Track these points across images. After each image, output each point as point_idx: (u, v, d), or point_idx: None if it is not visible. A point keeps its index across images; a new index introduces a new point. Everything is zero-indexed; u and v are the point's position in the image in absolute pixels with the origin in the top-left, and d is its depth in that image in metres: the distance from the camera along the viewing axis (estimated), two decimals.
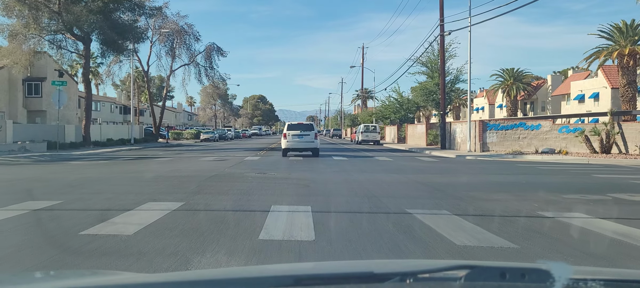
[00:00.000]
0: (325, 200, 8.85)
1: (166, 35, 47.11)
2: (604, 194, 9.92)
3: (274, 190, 10.18)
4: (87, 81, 33.76)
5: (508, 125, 27.35)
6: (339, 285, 1.37)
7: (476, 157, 24.21)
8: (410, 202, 8.76)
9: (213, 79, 51.30)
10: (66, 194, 9.29)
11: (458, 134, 31.37)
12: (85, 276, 2.00)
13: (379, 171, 15.82)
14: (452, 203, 8.50)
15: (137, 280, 1.63)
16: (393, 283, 1.31)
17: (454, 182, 12.63)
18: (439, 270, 1.47)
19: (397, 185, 11.69)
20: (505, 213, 7.63)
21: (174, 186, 10.70)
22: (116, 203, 8.01)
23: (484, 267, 1.49)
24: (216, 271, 2.75)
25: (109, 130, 42.36)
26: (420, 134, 41.69)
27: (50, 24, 31.49)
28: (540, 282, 1.30)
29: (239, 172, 14.54)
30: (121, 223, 6.32)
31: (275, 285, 1.40)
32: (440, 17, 31.21)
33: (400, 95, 48.30)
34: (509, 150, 26.07)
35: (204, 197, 8.96)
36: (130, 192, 9.59)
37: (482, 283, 1.33)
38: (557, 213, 7.58)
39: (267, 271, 1.86)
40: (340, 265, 2.40)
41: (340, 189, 10.62)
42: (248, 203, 8.29)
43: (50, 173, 14.63)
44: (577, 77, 60.19)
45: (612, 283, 1.38)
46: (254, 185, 11.18)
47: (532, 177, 13.95)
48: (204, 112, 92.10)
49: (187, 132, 62.81)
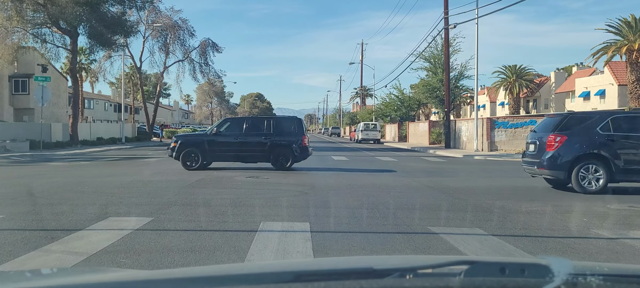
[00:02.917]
0: (326, 214, 7.32)
1: (159, 30, 45.41)
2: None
3: (266, 200, 8.64)
4: (74, 77, 32.10)
5: (518, 122, 25.84)
6: (338, 281, 1.32)
7: (485, 157, 22.70)
8: (431, 215, 7.25)
9: (208, 75, 49.63)
10: (16, 205, 7.74)
11: (463, 132, 29.86)
12: (85, 273, 2.04)
13: (385, 173, 14.30)
14: (482, 218, 6.99)
15: (138, 276, 1.64)
16: (393, 279, 1.31)
17: (472, 187, 11.09)
18: (438, 266, 1.47)
19: (409, 191, 10.17)
20: (554, 231, 6.11)
21: (149, 194, 9.15)
22: (68, 220, 6.46)
23: (484, 263, 1.58)
24: (216, 267, 2.60)
25: (100, 129, 40.73)
26: (422, 132, 40.17)
27: (35, 16, 29.85)
28: (539, 277, 1.26)
29: (228, 175, 13.00)
30: (58, 252, 4.78)
31: (275, 281, 1.39)
32: (445, 9, 29.68)
33: (402, 92, 46.77)
34: (519, 150, 24.53)
35: (179, 209, 7.40)
36: (94, 203, 8.02)
37: (481, 278, 1.33)
38: (617, 231, 6.07)
39: (266, 267, 1.88)
40: (339, 261, 2.34)
41: (344, 198, 9.09)
42: (232, 218, 6.74)
43: (16, 177, 13.07)
44: (582, 73, 58.76)
45: (612, 278, 1.37)
46: (242, 192, 9.64)
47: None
48: (200, 110, 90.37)
49: (181, 131, 61.13)
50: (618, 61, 49.00)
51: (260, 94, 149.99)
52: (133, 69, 47.82)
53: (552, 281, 1.24)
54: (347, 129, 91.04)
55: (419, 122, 45.08)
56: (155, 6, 43.51)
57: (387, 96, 48.49)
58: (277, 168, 14.33)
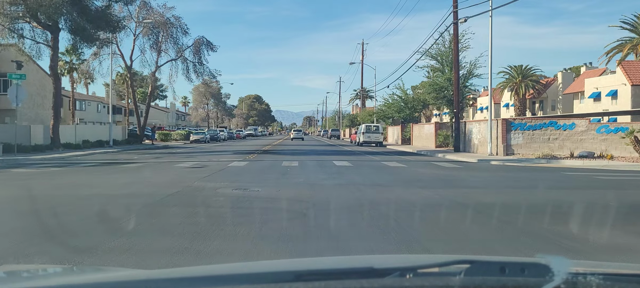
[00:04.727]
0: (335, 249, 5.11)
1: (150, 28, 43.12)
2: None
3: (250, 226, 6.43)
4: (55, 74, 29.80)
5: (536, 124, 23.62)
6: (339, 280, 1.33)
7: (503, 161, 20.50)
8: (475, 250, 5.06)
9: (202, 75, 47.21)
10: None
11: (474, 134, 27.65)
12: (88, 272, 2.06)
13: (398, 184, 12.12)
14: (547, 252, 4.76)
15: (140, 276, 1.63)
16: (393, 279, 1.30)
17: (510, 203, 8.85)
18: (439, 265, 1.45)
19: (434, 209, 7.96)
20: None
21: (98, 217, 6.94)
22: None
23: (484, 262, 1.50)
24: (217, 267, 2.33)
25: (86, 131, 38.46)
26: (427, 135, 37.98)
27: (12, 10, 27.61)
28: (539, 277, 1.26)
29: (211, 186, 10.78)
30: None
31: (275, 280, 1.38)
32: (454, 2, 27.49)
33: (405, 92, 44.58)
34: (539, 154, 22.37)
35: (119, 249, 5.15)
36: (7, 234, 5.80)
37: (482, 278, 1.31)
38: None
39: (267, 267, 1.86)
40: (340, 261, 2.26)
41: (354, 222, 6.89)
42: (194, 264, 4.53)
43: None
44: (591, 74, 56.62)
45: (612, 277, 1.36)
46: (222, 213, 7.44)
47: (607, 194, 10.24)
48: (196, 112, 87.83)
49: (176, 133, 58.64)
50: (632, 61, 46.96)
51: (258, 96, 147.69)
52: (126, 69, 45.44)
53: (552, 280, 1.23)
54: (346, 131, 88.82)
55: (424, 124, 42.86)
56: (146, 2, 41.35)
57: (390, 96, 46.28)
58: None
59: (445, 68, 32.51)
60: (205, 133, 56.12)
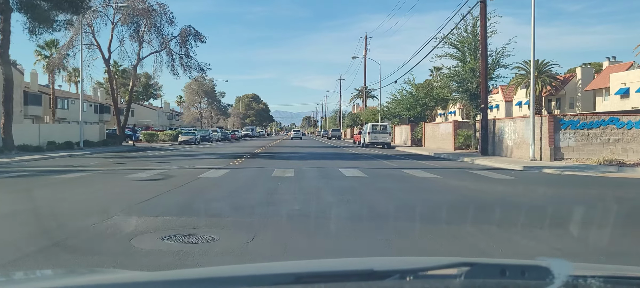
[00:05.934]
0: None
1: (130, 15, 38.35)
2: None
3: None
4: (6, 63, 25.00)
5: (593, 122, 18.90)
6: (339, 282, 1.32)
7: (559, 169, 15.77)
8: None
9: (190, 69, 42.28)
10: None
11: (507, 134, 22.93)
12: (84, 274, 1.94)
13: (443, 208, 7.45)
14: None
15: (139, 278, 1.58)
16: (393, 281, 1.28)
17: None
18: (439, 268, 1.43)
19: None
20: None
21: None
22: None
23: (484, 264, 1.49)
24: (217, 269, 2.33)
25: (54, 131, 33.64)
26: (443, 135, 33.25)
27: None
28: (540, 279, 1.24)
29: (130, 230, 6.07)
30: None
31: (276, 282, 1.36)
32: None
33: (416, 87, 39.85)
34: (598, 159, 17.64)
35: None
36: None
37: (482, 280, 1.29)
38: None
39: (267, 269, 1.80)
40: (340, 263, 2.18)
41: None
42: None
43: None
44: (616, 68, 52.00)
45: (612, 280, 1.34)
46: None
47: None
48: (188, 111, 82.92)
49: (163, 133, 53.67)
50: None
51: (256, 95, 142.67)
52: (105, 62, 40.67)
53: (553, 283, 1.22)
54: (348, 131, 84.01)
55: (441, 122, 38.05)
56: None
57: (399, 92, 41.49)
58: None
59: (466, 57, 27.74)
60: (195, 133, 51.21)
